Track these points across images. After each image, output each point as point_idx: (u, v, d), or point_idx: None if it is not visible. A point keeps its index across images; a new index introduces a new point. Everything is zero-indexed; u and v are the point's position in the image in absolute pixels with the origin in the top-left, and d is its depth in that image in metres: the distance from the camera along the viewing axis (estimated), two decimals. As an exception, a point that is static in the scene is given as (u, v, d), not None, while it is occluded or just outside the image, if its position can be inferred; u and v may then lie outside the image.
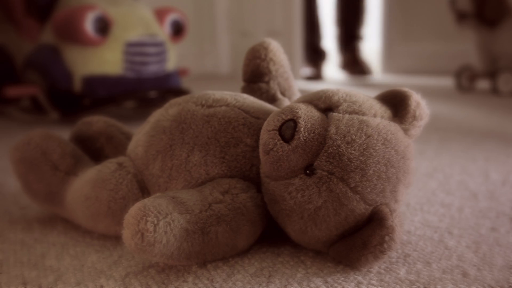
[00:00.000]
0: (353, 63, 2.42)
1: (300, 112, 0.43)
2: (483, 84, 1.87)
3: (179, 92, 1.29)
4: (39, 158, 0.55)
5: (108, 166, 0.52)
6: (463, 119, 1.25)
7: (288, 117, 0.43)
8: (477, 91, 1.79)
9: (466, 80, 1.84)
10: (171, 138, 0.50)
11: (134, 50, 1.27)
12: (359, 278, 0.43)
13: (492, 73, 1.73)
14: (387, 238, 0.42)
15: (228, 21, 2.80)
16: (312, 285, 0.42)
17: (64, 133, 0.63)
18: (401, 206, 0.46)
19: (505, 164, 0.79)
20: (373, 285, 0.41)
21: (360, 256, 0.43)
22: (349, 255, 0.44)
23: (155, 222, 0.40)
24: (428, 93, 1.80)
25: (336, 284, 0.42)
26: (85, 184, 0.52)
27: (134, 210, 0.40)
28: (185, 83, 1.69)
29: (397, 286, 0.41)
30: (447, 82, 2.08)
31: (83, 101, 1.26)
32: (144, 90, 1.29)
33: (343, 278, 0.43)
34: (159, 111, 0.54)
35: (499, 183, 0.69)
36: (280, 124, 0.43)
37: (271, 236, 0.50)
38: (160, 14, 1.38)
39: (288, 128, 0.43)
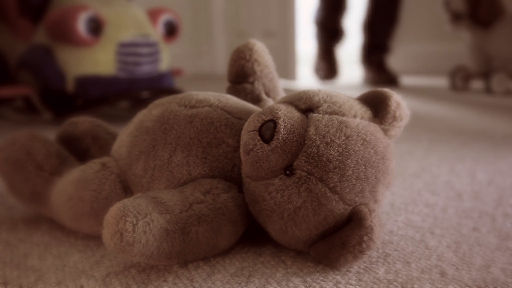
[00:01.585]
0: (378, 74, 2.14)
1: (280, 112, 0.43)
2: (477, 84, 1.87)
3: (172, 92, 1.29)
4: (23, 158, 0.55)
5: (91, 166, 0.52)
6: (455, 119, 1.26)
7: (268, 117, 0.43)
8: (471, 92, 1.79)
9: (460, 81, 1.84)
10: (154, 138, 0.50)
11: (126, 50, 1.27)
12: (338, 277, 0.43)
13: (486, 74, 1.74)
14: (365, 238, 0.42)
15: (225, 21, 2.80)
16: (291, 284, 0.42)
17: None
18: (381, 206, 0.47)
19: (492, 165, 0.79)
20: (351, 284, 0.42)
21: (339, 256, 0.43)
22: (328, 255, 0.44)
23: (134, 222, 0.40)
24: (422, 93, 1.81)
25: (314, 284, 0.42)
26: (69, 184, 0.52)
27: (113, 210, 0.41)
28: (181, 83, 1.70)
29: (375, 285, 0.41)
30: (442, 82, 2.08)
31: (76, 102, 1.26)
32: (137, 91, 1.29)
33: (322, 278, 0.43)
34: (143, 111, 0.54)
35: (485, 184, 0.69)
36: (260, 124, 0.43)
37: (253, 236, 0.50)
38: (153, 14, 1.38)
39: (267, 128, 0.43)
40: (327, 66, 2.28)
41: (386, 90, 0.47)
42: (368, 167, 0.43)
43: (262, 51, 0.58)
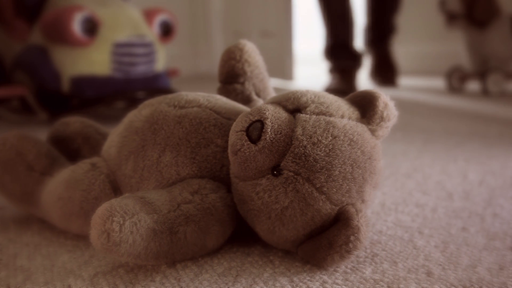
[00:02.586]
0: (383, 67, 1.97)
1: (267, 113, 0.43)
2: (473, 84, 1.88)
3: (168, 92, 1.29)
4: (14, 158, 0.55)
5: (81, 166, 0.52)
6: (450, 119, 1.26)
7: (256, 118, 0.43)
8: (468, 92, 1.80)
9: (456, 81, 1.84)
10: (143, 138, 0.50)
11: (122, 50, 1.27)
12: (325, 277, 0.43)
13: (482, 74, 1.74)
14: (352, 238, 0.42)
15: (222, 21, 2.81)
16: (278, 284, 0.42)
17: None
18: (368, 206, 0.47)
19: (484, 165, 0.80)
20: (337, 284, 0.42)
21: (326, 256, 0.43)
22: (316, 255, 0.44)
23: (121, 222, 0.40)
24: (418, 93, 1.81)
25: (301, 284, 0.42)
26: (59, 185, 0.52)
27: (100, 210, 0.41)
28: (178, 83, 1.70)
29: (361, 285, 0.42)
30: (438, 82, 2.08)
31: (72, 102, 1.26)
32: (132, 91, 1.29)
33: (309, 278, 0.43)
34: (133, 112, 0.54)
35: (476, 184, 0.70)
36: (247, 125, 0.43)
37: (242, 236, 0.50)
38: (148, 14, 1.38)
39: (255, 129, 0.43)
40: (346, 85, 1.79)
41: (375, 90, 0.47)
42: (355, 167, 0.43)
43: (252, 52, 0.58)
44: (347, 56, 1.83)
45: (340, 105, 0.46)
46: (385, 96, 0.47)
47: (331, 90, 1.65)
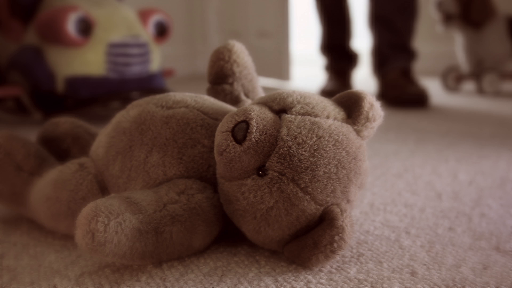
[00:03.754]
0: (401, 87, 1.48)
1: (252, 113, 0.43)
2: (469, 85, 1.88)
3: (163, 92, 1.29)
4: (3, 159, 0.55)
5: (69, 166, 0.52)
6: (444, 119, 1.26)
7: (241, 118, 0.43)
8: (463, 92, 1.80)
9: (452, 81, 1.84)
10: (130, 139, 0.50)
11: (116, 51, 1.27)
12: (309, 277, 0.43)
13: (477, 74, 1.74)
14: (337, 238, 0.43)
15: (219, 21, 2.81)
16: (262, 284, 0.42)
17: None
18: (354, 206, 0.47)
19: (475, 165, 0.80)
20: (322, 284, 0.42)
21: (311, 256, 0.43)
22: (301, 255, 0.44)
23: (106, 222, 0.40)
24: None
25: (285, 283, 0.42)
26: (47, 185, 0.52)
27: (86, 210, 0.41)
28: (175, 83, 1.70)
29: (345, 285, 0.42)
30: (434, 82, 2.09)
31: (66, 102, 1.26)
32: (127, 91, 1.29)
33: (293, 277, 0.43)
34: (121, 112, 0.55)
35: (465, 184, 0.70)
36: (233, 125, 0.43)
37: (230, 236, 0.50)
38: (143, 15, 1.38)
39: (240, 129, 0.43)
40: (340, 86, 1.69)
41: (361, 91, 0.47)
42: (339, 167, 0.44)
43: (241, 52, 0.58)
44: (343, 57, 1.82)
45: (326, 106, 0.46)
46: (371, 97, 0.47)
47: (326, 91, 1.66)
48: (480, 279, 0.42)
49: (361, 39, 2.19)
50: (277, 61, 2.12)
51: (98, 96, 1.26)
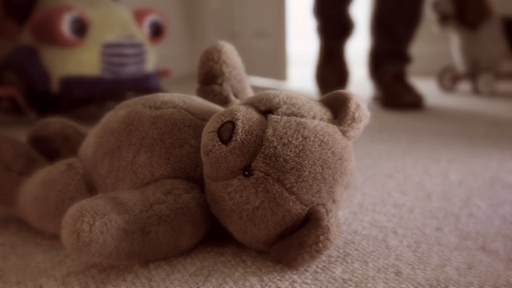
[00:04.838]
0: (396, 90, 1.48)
1: (238, 114, 0.44)
2: (465, 85, 1.88)
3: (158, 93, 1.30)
4: (-8, 159, 0.56)
5: (57, 167, 0.53)
6: (438, 120, 1.26)
7: (227, 119, 0.44)
8: (459, 92, 1.80)
9: (448, 81, 1.85)
10: (118, 139, 0.51)
11: (111, 51, 1.27)
12: (295, 277, 0.43)
13: (473, 74, 1.74)
14: (322, 238, 0.43)
15: (217, 22, 2.81)
16: (247, 284, 0.42)
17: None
18: (340, 206, 0.47)
19: (466, 166, 0.80)
20: (306, 283, 0.42)
21: (297, 256, 0.44)
22: (287, 255, 0.44)
23: (91, 222, 0.40)
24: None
25: (271, 283, 0.42)
26: (35, 185, 0.52)
27: (71, 210, 0.41)
28: (173, 84, 1.70)
29: (330, 285, 0.42)
30: (430, 83, 2.09)
31: (61, 102, 1.26)
32: (122, 91, 1.29)
33: (279, 277, 0.43)
34: (109, 112, 0.55)
35: (455, 184, 0.70)
36: (219, 125, 0.44)
37: (217, 236, 0.51)
38: (138, 15, 1.38)
39: (226, 129, 0.43)
40: (333, 71, 1.71)
41: (347, 91, 0.47)
42: (325, 167, 0.44)
43: (230, 53, 0.58)
44: (337, 24, 1.70)
45: (312, 106, 0.46)
46: (357, 97, 0.47)
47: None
48: (464, 278, 0.42)
49: (361, 40, 2.19)
50: (274, 61, 2.12)
51: (93, 96, 1.26)
